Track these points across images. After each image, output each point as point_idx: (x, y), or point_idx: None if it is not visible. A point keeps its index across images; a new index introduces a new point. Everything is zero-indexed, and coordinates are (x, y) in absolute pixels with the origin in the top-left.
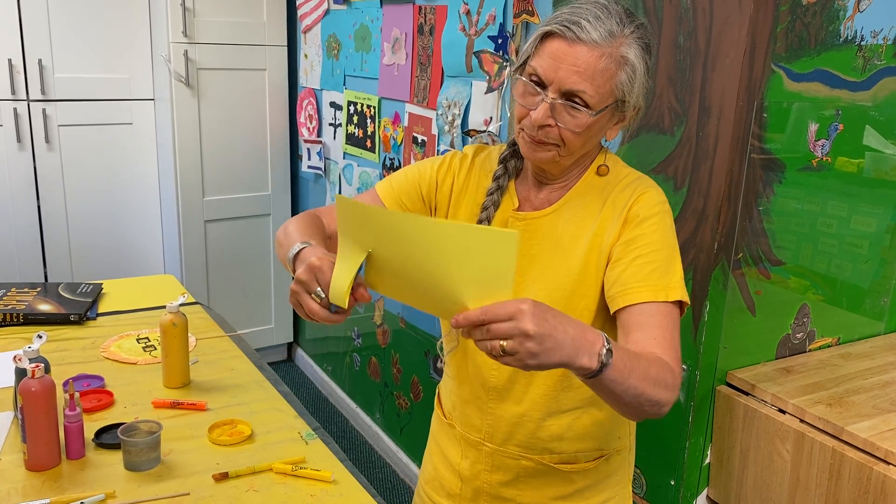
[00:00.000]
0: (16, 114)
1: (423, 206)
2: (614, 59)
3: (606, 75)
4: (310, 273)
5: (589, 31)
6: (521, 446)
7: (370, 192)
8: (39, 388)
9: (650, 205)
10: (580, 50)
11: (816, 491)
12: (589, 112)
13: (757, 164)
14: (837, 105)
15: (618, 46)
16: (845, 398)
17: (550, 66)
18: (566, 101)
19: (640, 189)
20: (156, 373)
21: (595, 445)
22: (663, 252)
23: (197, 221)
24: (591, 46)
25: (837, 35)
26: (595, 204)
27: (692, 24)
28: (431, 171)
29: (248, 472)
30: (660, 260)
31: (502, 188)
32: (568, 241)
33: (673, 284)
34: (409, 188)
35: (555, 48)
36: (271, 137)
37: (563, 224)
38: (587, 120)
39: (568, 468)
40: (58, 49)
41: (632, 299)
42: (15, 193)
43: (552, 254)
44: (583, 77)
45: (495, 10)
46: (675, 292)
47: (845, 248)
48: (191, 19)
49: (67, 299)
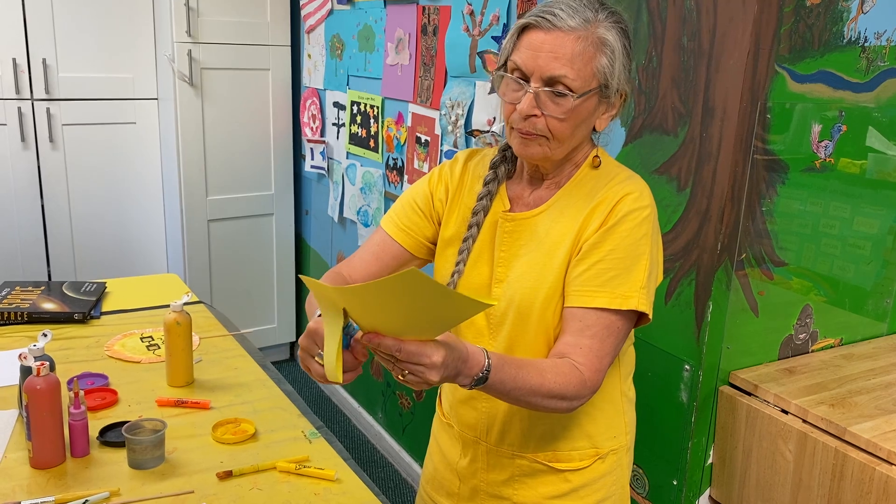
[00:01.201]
0: (20, 113)
1: (426, 222)
2: (592, 42)
3: (585, 58)
4: (308, 338)
5: (564, 18)
6: (515, 445)
7: (377, 232)
8: (44, 386)
9: (631, 207)
10: (557, 36)
11: (819, 491)
12: (573, 96)
13: (760, 165)
14: (841, 106)
15: (594, 30)
16: (848, 399)
17: (530, 57)
18: (549, 89)
19: (626, 188)
20: (159, 371)
21: (590, 444)
22: (628, 260)
23: (200, 221)
24: (567, 31)
25: (841, 36)
26: (583, 202)
27: (696, 25)
28: (424, 186)
29: (252, 471)
30: (621, 268)
31: (492, 193)
32: (553, 240)
33: (630, 293)
34: (408, 211)
35: (532, 39)
36: (274, 137)
37: (549, 223)
38: (571, 104)
39: (563, 467)
40: (62, 48)
41: (585, 302)
42: (19, 192)
43: (536, 253)
44: (562, 62)
45: (499, 10)
46: (632, 301)
47: (848, 250)
48: (195, 19)
49: (71, 298)
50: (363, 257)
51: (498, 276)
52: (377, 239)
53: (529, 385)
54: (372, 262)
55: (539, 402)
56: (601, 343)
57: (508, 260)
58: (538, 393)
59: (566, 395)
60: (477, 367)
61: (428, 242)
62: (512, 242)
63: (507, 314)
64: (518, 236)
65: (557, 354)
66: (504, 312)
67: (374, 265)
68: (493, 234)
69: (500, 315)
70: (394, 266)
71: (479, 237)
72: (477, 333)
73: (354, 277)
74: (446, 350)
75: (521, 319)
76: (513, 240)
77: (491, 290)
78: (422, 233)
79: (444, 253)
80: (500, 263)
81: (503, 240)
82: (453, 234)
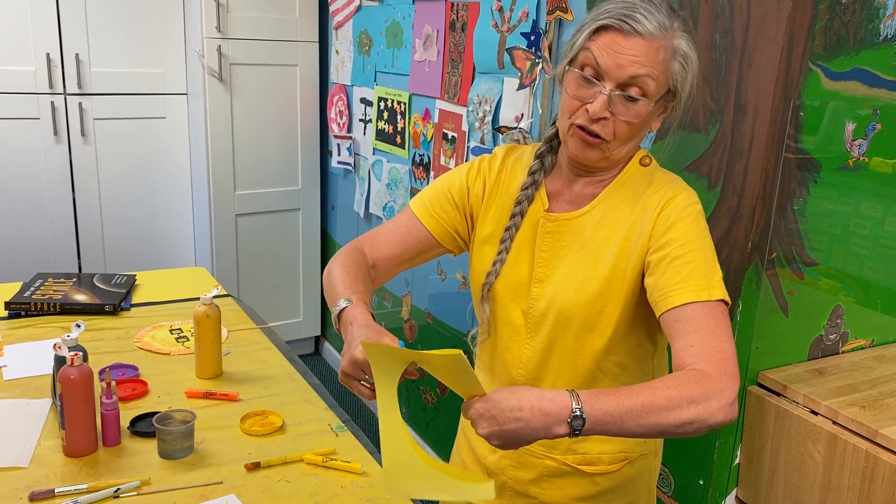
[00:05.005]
0: (53, 107)
1: (458, 213)
2: (669, 50)
3: (664, 65)
4: (354, 367)
5: (644, 23)
6: (544, 445)
7: (405, 211)
8: (78, 376)
9: (682, 206)
10: (637, 41)
11: (849, 493)
12: (647, 102)
13: (792, 164)
14: (875, 104)
15: (670, 38)
16: (879, 401)
17: (609, 58)
18: (622, 93)
19: (671, 191)
20: (188, 363)
21: (619, 448)
22: (701, 252)
23: (228, 215)
24: (648, 38)
25: (877, 33)
26: (627, 205)
27: (729, 22)
28: (461, 177)
29: (280, 463)
30: (699, 260)
31: (537, 183)
32: (598, 243)
33: (714, 283)
34: (441, 199)
35: (611, 40)
36: (302, 133)
37: (594, 226)
38: (645, 109)
39: (591, 469)
40: (94, 44)
41: (673, 302)
42: (51, 185)
43: (581, 256)
44: (642, 66)
45: (528, 6)
46: (717, 291)
47: (879, 250)
48: (224, 15)
49: (102, 290)
50: (388, 237)
51: (538, 276)
52: (404, 220)
53: (641, 403)
54: (398, 242)
55: (667, 418)
56: (711, 333)
57: (549, 260)
58: (657, 407)
59: (694, 398)
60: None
61: (456, 234)
62: (553, 243)
63: (547, 315)
64: (560, 237)
65: (676, 369)
66: (544, 313)
67: (399, 247)
68: (534, 232)
69: (539, 315)
70: (418, 249)
71: (518, 233)
72: (514, 332)
73: (377, 256)
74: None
75: (562, 321)
76: (554, 240)
77: (530, 289)
78: (451, 223)
79: (482, 250)
80: (540, 263)
81: (544, 240)
82: (491, 232)
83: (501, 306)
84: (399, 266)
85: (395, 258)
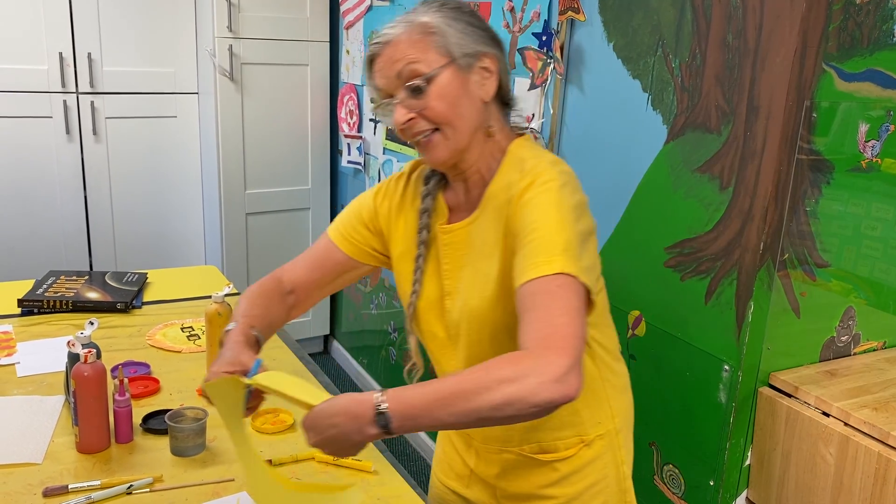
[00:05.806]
0: (65, 106)
1: (371, 234)
2: (417, 31)
3: (420, 46)
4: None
5: (387, 32)
6: (500, 440)
7: (323, 237)
8: (92, 373)
9: (536, 187)
10: (389, 49)
11: (861, 495)
12: (424, 78)
13: (805, 165)
14: (889, 106)
15: (414, 21)
16: (892, 402)
17: (382, 75)
18: (409, 90)
19: (531, 176)
20: (199, 361)
21: (573, 433)
22: (545, 227)
23: (238, 214)
24: (396, 39)
25: (891, 34)
26: (504, 202)
27: (741, 23)
28: (370, 200)
29: (291, 461)
30: (542, 236)
31: (429, 209)
32: (488, 246)
33: (555, 255)
34: (354, 222)
35: (378, 64)
36: (312, 132)
37: (482, 230)
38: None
39: (549, 457)
40: (106, 43)
41: (516, 284)
42: (63, 183)
43: (478, 261)
44: (400, 61)
45: (540, 6)
46: (557, 263)
47: (891, 252)
48: (235, 15)
49: (114, 287)
50: (306, 263)
51: (447, 288)
52: (322, 246)
53: (448, 390)
54: (316, 268)
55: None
56: (544, 309)
57: (453, 271)
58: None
59: (506, 378)
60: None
61: (374, 251)
62: (453, 253)
63: (460, 325)
64: (458, 247)
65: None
66: (457, 323)
67: (317, 272)
68: (438, 247)
69: (455, 326)
70: (337, 272)
71: (428, 251)
72: (440, 346)
73: (296, 282)
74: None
75: (474, 328)
76: (454, 251)
77: (443, 303)
78: (368, 243)
79: (400, 268)
80: (446, 276)
81: (445, 252)
82: (403, 250)
83: (426, 322)
84: (321, 289)
85: (314, 283)
